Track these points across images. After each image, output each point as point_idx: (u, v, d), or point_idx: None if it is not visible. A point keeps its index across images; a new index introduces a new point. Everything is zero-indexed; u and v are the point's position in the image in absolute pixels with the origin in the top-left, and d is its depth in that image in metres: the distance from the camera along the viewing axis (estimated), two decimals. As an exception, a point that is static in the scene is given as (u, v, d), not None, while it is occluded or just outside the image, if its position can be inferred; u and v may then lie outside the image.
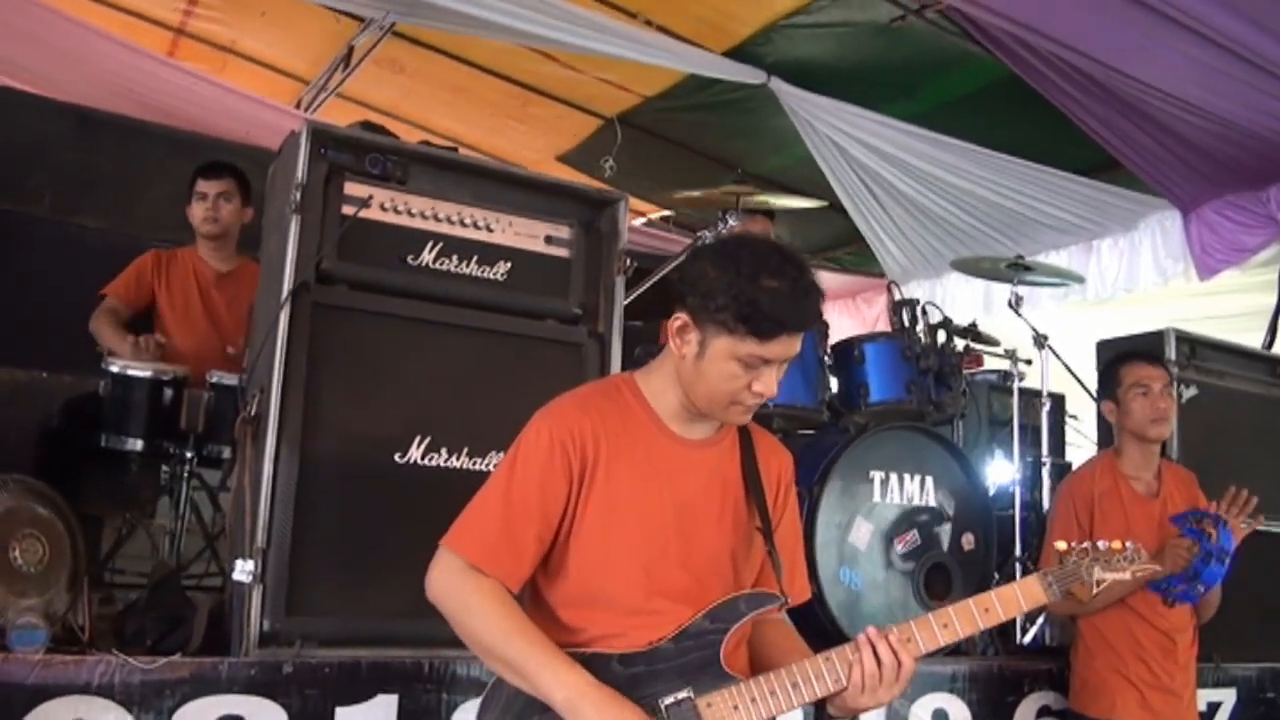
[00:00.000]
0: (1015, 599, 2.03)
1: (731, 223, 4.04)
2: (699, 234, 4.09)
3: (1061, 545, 2.10)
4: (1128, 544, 2.13)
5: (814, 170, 6.13)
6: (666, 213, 6.90)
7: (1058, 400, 5.71)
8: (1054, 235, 6.06)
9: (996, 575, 4.19)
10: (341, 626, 2.88)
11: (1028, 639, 4.24)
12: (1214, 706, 4.27)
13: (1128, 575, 2.11)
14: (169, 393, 3.72)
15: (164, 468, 3.91)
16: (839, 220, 6.85)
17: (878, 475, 3.80)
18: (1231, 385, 4.71)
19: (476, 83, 6.50)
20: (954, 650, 3.81)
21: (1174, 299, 5.94)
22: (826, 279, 7.58)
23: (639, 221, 7.35)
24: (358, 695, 2.79)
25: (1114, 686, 3.47)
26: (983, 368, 5.19)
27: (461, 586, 1.95)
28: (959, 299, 6.68)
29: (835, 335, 4.37)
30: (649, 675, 1.94)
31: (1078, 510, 3.54)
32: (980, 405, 5.29)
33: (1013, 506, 4.50)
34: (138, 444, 3.68)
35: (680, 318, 1.99)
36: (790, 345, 1.94)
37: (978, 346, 4.88)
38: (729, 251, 1.98)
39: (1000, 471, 5.15)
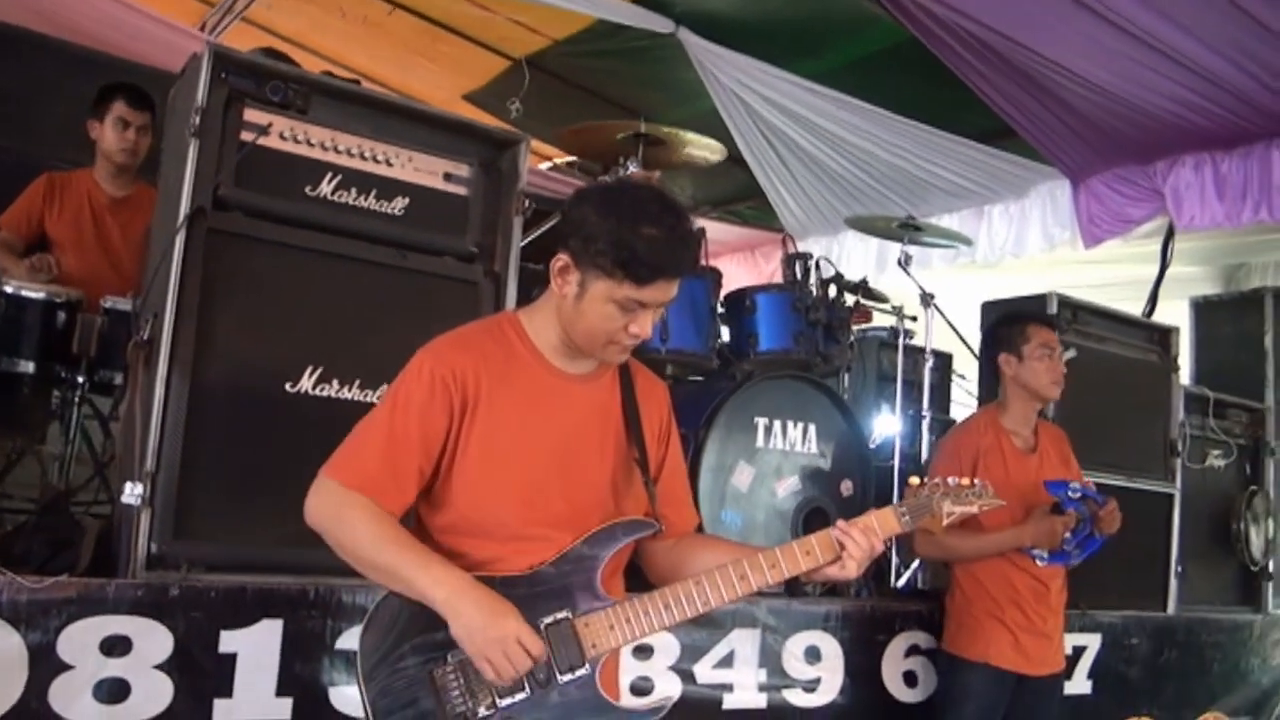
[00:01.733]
0: (873, 527, 2.16)
1: (632, 169, 4.11)
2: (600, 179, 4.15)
3: (914, 480, 2.24)
4: (975, 480, 2.28)
5: (718, 123, 6.19)
6: (571, 158, 6.92)
7: (945, 359, 5.92)
8: (947, 199, 6.24)
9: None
10: (228, 552, 2.92)
11: (901, 582, 4.43)
12: (1079, 650, 4.55)
13: (975, 509, 2.26)
14: (62, 316, 3.67)
15: (55, 393, 3.87)
16: (740, 174, 6.95)
17: (761, 421, 3.93)
18: (1110, 349, 4.95)
19: (387, 17, 6.43)
20: (829, 591, 3.99)
21: (1059, 266, 6.18)
22: (725, 231, 7.83)
23: (544, 166, 7.37)
24: (242, 619, 2.84)
25: (989, 630, 3.65)
26: (872, 324, 5.35)
27: (340, 508, 2.02)
28: (854, 257, 6.86)
29: (732, 287, 4.49)
30: (529, 597, 2.03)
31: (962, 462, 3.69)
32: (869, 360, 5.47)
33: (895, 457, 4.68)
34: (29, 366, 3.64)
35: (562, 259, 2.07)
36: (666, 290, 2.05)
37: (867, 302, 5.04)
38: (611, 198, 2.08)
39: (886, 424, 5.34)
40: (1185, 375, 5.58)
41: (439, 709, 1.99)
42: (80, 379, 3.72)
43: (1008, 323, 3.92)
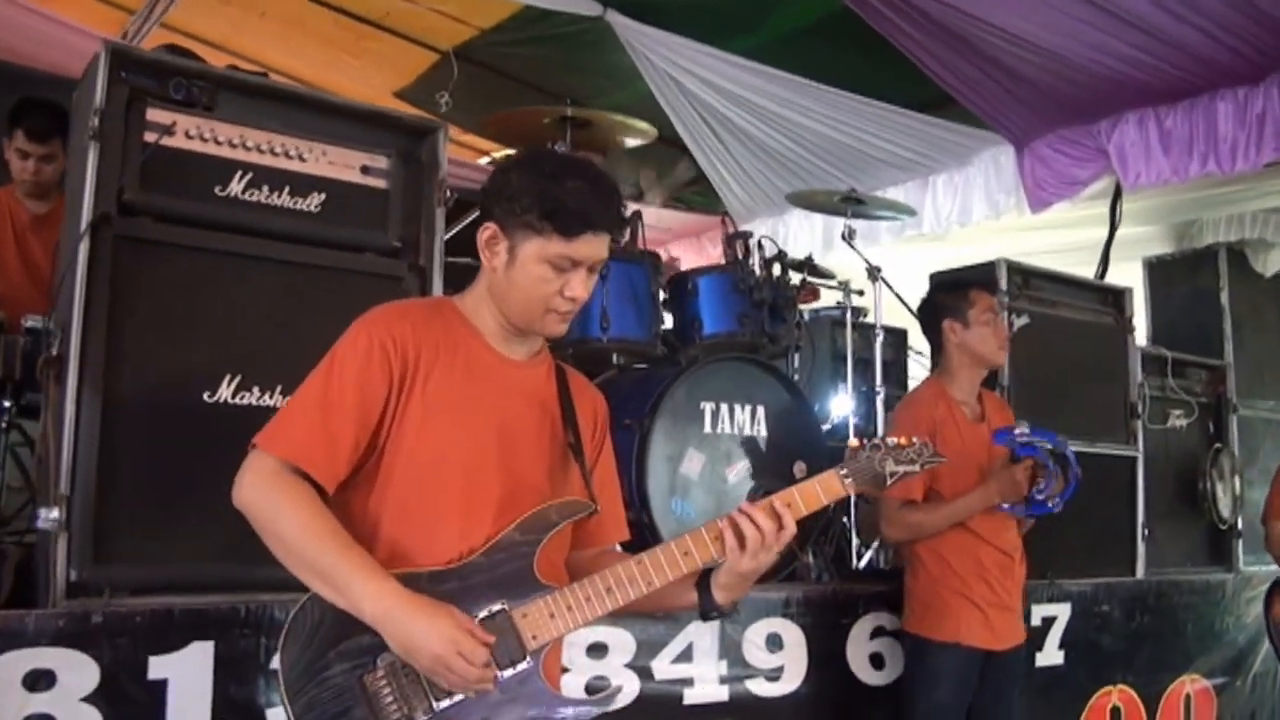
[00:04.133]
0: (815, 493, 2.12)
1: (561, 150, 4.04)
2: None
3: (854, 442, 2.19)
4: (914, 439, 2.25)
5: (654, 107, 6.14)
6: (510, 151, 6.84)
7: (900, 335, 5.90)
8: (891, 171, 6.21)
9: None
10: (153, 573, 2.83)
11: (863, 563, 4.39)
12: (1049, 620, 4.53)
13: (918, 468, 2.23)
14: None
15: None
16: (683, 160, 6.90)
17: (708, 406, 3.87)
18: (1063, 314, 4.94)
19: (308, 14, 6.31)
20: (787, 576, 3.94)
21: (1008, 233, 6.16)
22: (671, 218, 7.76)
23: (483, 160, 7.28)
24: (171, 644, 2.75)
25: (958, 609, 3.61)
26: (819, 301, 5.31)
27: (271, 490, 1.94)
28: (800, 236, 6.82)
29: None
30: (461, 591, 1.96)
31: (919, 435, 3.65)
32: (822, 340, 5.43)
33: (849, 436, 4.64)
34: None
35: (488, 228, 2.04)
36: (597, 246, 2.02)
37: (813, 280, 4.99)
38: (532, 158, 2.11)
39: (843, 404, 5.30)
40: (1141, 336, 5.59)
41: (372, 718, 1.91)
42: (6, 403, 3.62)
43: (948, 289, 3.91)
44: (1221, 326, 5.87)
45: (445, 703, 1.93)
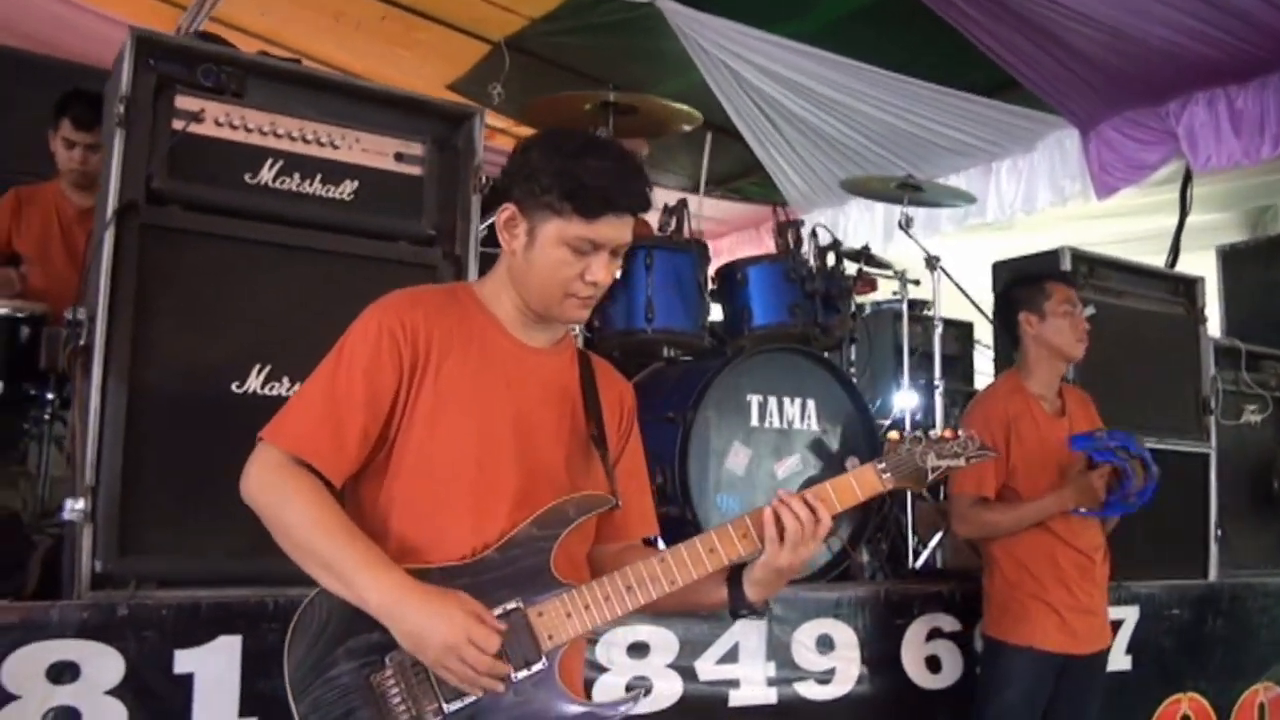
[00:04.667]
0: (850, 487, 2.01)
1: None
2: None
3: (894, 435, 2.08)
4: (960, 432, 2.12)
5: (709, 96, 6.03)
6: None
7: (965, 329, 5.75)
8: (953, 158, 6.04)
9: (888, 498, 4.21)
10: (178, 566, 2.80)
11: (919, 563, 4.25)
12: (1116, 624, 4.29)
13: (962, 462, 2.10)
14: (26, 331, 3.58)
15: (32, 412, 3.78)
16: (739, 148, 6.78)
17: (755, 399, 3.76)
18: (1131, 304, 4.75)
19: (356, 7, 6.30)
20: (839, 575, 3.82)
21: (1074, 221, 5.98)
22: (728, 209, 7.63)
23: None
24: (198, 637, 2.71)
25: (1035, 613, 3.49)
26: (878, 293, 5.16)
27: (276, 482, 1.88)
28: (859, 228, 6.68)
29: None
30: (475, 588, 1.88)
31: (993, 432, 3.52)
32: (883, 334, 5.29)
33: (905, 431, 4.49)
34: None
35: (507, 209, 1.96)
36: (619, 228, 1.93)
37: (870, 270, 4.86)
38: (553, 137, 1.99)
39: (906, 399, 5.15)
40: (1215, 328, 5.38)
41: (380, 719, 1.84)
42: (50, 395, 3.62)
43: (1025, 282, 3.78)
44: (1298, 317, 5.61)
45: (456, 704, 1.85)
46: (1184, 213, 5.49)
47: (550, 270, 1.93)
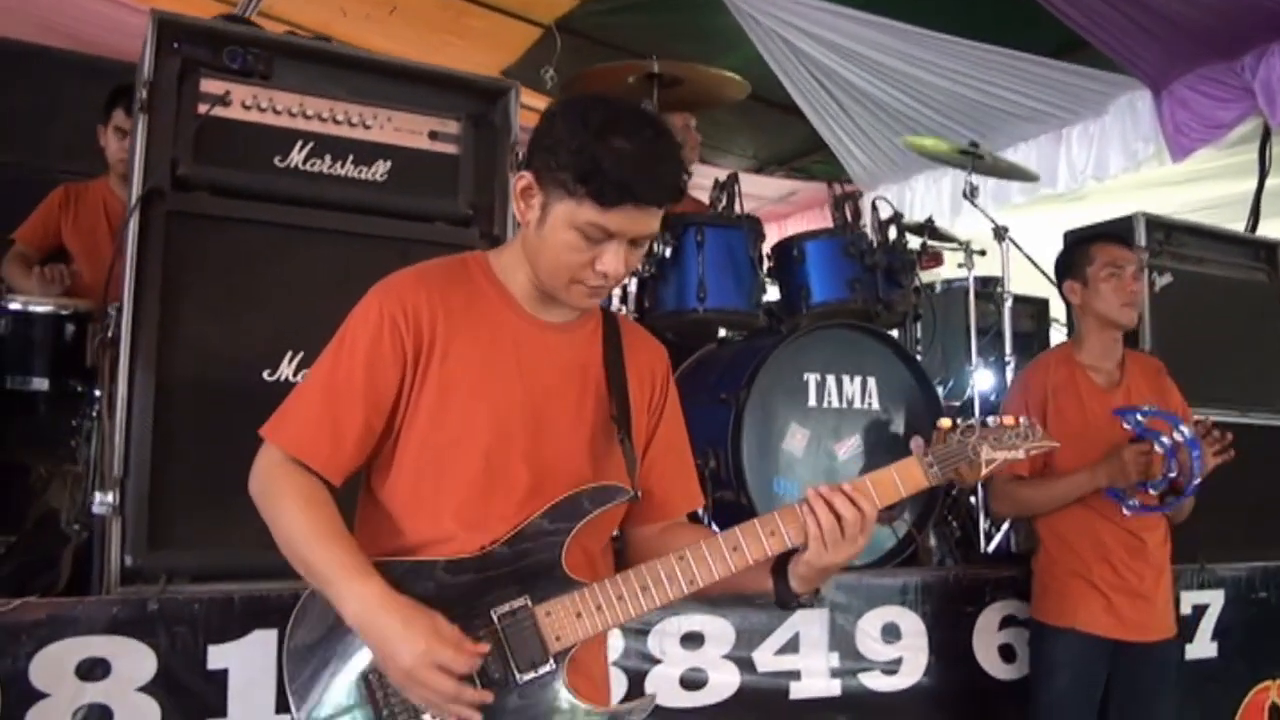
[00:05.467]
0: (891, 481, 1.84)
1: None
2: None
3: (944, 423, 1.91)
4: (1021, 419, 1.94)
5: (766, 72, 5.88)
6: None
7: (1040, 305, 5.53)
8: (1021, 125, 5.80)
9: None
10: (210, 559, 2.74)
11: (992, 546, 4.06)
12: (1200, 609, 4.13)
13: (1020, 454, 1.92)
14: (71, 328, 3.52)
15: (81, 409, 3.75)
16: (801, 126, 6.62)
17: (813, 378, 3.60)
18: (1210, 271, 4.52)
19: (409, -1, 6.26)
20: (906, 560, 3.66)
21: (1149, 189, 5.72)
22: (795, 189, 7.47)
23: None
24: (231, 632, 2.65)
25: (1076, 592, 3.29)
26: (944, 268, 4.97)
27: (273, 484, 1.79)
28: (926, 202, 6.49)
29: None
30: (481, 583, 1.77)
31: (1030, 405, 3.35)
32: (956, 311, 5.09)
33: (975, 410, 4.32)
34: (43, 384, 3.49)
35: (524, 178, 1.79)
36: (638, 220, 1.74)
37: (934, 243, 4.67)
38: (580, 107, 1.77)
39: (981, 379, 4.94)
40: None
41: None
42: (97, 392, 3.59)
43: (1070, 248, 3.57)
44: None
45: None
46: (1263, 173, 5.21)
47: (559, 253, 1.77)
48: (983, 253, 4.63)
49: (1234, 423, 4.27)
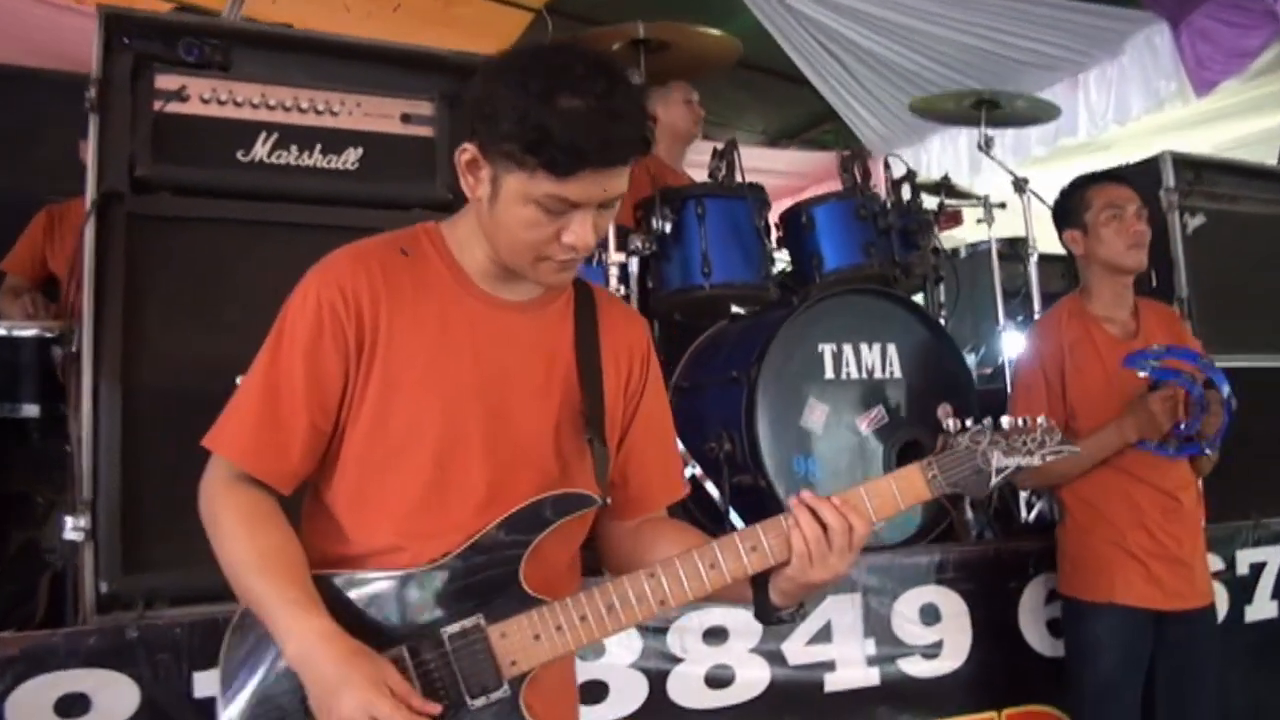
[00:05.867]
0: (890, 494, 1.65)
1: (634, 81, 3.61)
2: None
3: (950, 423, 1.70)
4: (1039, 420, 1.72)
5: (770, 43, 5.69)
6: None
7: (1071, 263, 5.29)
8: (1035, 74, 5.57)
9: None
10: (191, 580, 2.53)
11: (1033, 515, 3.84)
12: (1257, 568, 3.89)
13: (1037, 460, 1.70)
14: (59, 352, 3.39)
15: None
16: (810, 97, 6.42)
17: (828, 349, 3.40)
18: (1246, 209, 4.28)
19: (397, -9, 6.10)
20: (941, 535, 3.46)
21: (1175, 132, 5.49)
22: (809, 161, 7.27)
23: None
24: (218, 656, 2.46)
25: (1112, 562, 3.06)
26: (961, 226, 4.75)
27: (213, 505, 1.64)
28: (942, 162, 6.26)
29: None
30: (433, 600, 1.60)
31: (1046, 367, 3.14)
32: (984, 276, 4.87)
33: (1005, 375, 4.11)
34: (34, 410, 3.32)
35: (467, 150, 1.59)
36: (601, 183, 1.54)
37: (952, 202, 4.46)
38: (519, 65, 1.55)
39: (1013, 344, 4.72)
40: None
41: None
42: (76, 411, 3.48)
43: (1065, 194, 3.32)
44: None
45: None
46: (1297, 103, 4.99)
47: (517, 230, 1.57)
48: (1003, 205, 4.41)
49: (1276, 368, 4.10)
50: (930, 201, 4.52)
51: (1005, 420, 1.69)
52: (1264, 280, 4.22)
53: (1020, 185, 4.25)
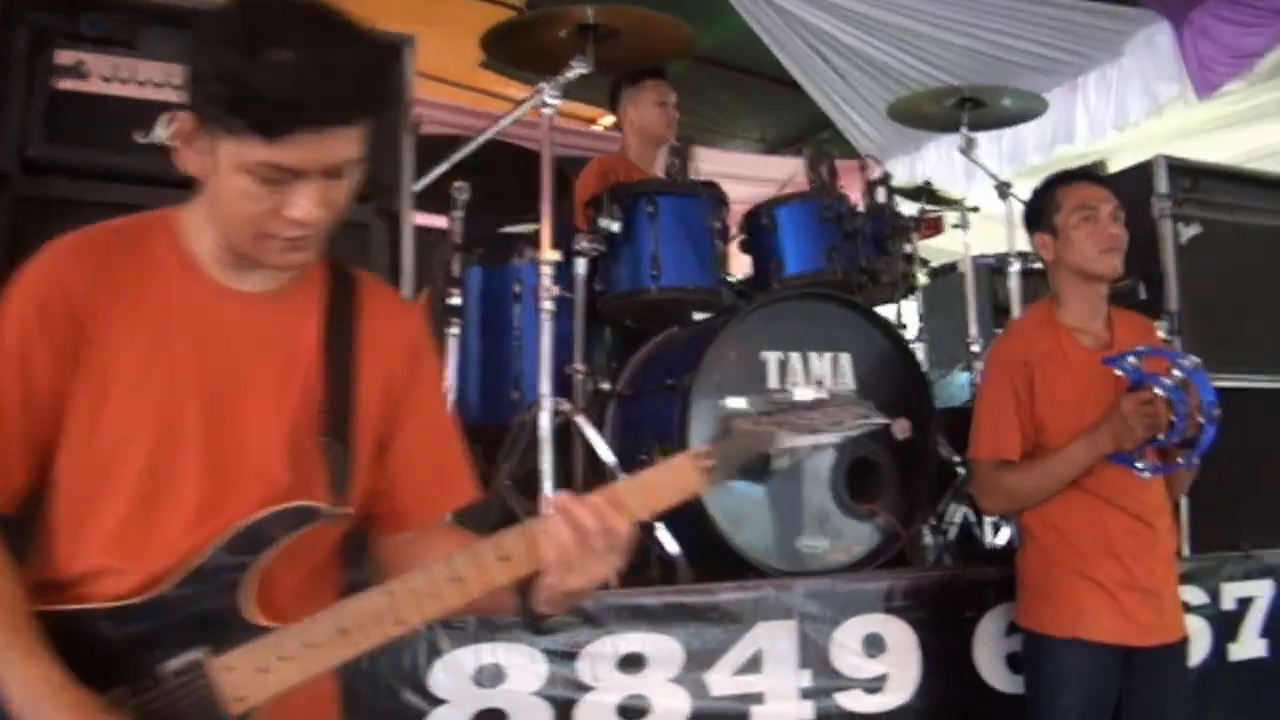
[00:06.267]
0: (652, 488, 1.50)
1: (581, 70, 3.43)
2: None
3: (734, 403, 1.53)
4: (842, 393, 1.56)
5: (755, 43, 5.51)
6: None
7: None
8: (1032, 77, 5.32)
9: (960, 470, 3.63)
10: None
11: (1001, 540, 3.63)
12: (1244, 603, 3.66)
13: (834, 437, 1.54)
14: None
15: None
16: (808, 104, 6.24)
17: (772, 357, 3.18)
18: (1246, 219, 4.04)
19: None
20: (892, 560, 3.27)
21: (1178, 140, 5.25)
22: (795, 167, 7.07)
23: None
24: None
25: (1078, 594, 2.84)
26: (942, 235, 4.54)
27: None
28: (939, 172, 6.03)
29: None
30: (151, 634, 1.41)
31: (1013, 378, 2.92)
32: (980, 290, 4.67)
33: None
34: None
35: (182, 119, 1.42)
36: (322, 147, 1.36)
37: (932, 208, 4.26)
38: (229, 15, 1.40)
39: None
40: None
41: None
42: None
43: (1036, 195, 3.11)
44: None
45: None
46: (1303, 107, 4.75)
47: (235, 204, 1.41)
48: (975, 209, 4.20)
49: (1275, 388, 3.87)
50: (911, 208, 4.33)
51: (800, 393, 1.53)
52: (1263, 296, 4.00)
53: (1004, 190, 4.04)
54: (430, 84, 5.83)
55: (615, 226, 3.46)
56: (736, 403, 1.48)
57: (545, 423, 3.10)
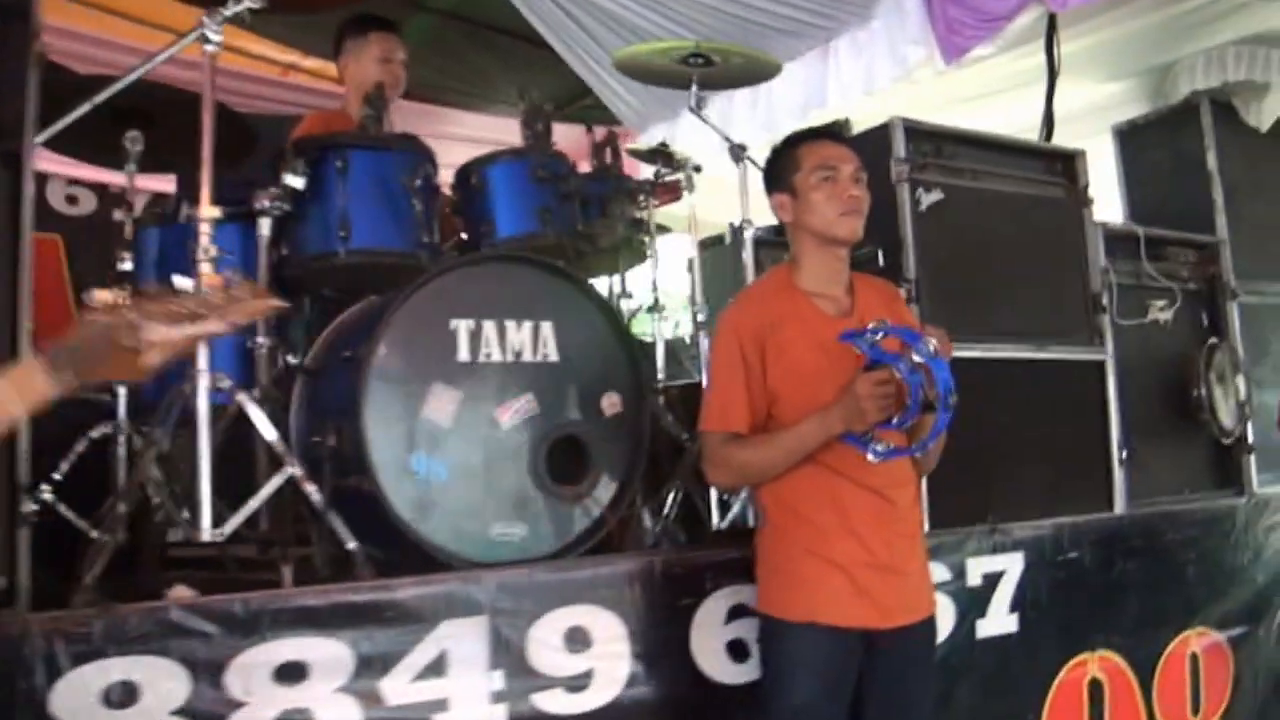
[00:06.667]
0: None
1: (251, 4, 3.04)
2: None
3: (101, 295, 1.35)
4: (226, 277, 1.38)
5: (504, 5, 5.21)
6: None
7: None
8: (785, 41, 5.13)
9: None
10: None
11: (725, 521, 3.42)
12: (992, 578, 3.58)
13: (218, 325, 1.43)
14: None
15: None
16: (568, 68, 5.93)
17: (463, 325, 2.90)
18: (992, 186, 3.96)
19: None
20: (599, 546, 3.02)
21: (934, 111, 5.11)
22: (570, 134, 6.80)
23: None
24: None
25: (814, 575, 2.68)
26: (680, 199, 4.31)
27: None
28: (693, 144, 5.77)
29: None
30: None
31: (744, 344, 2.74)
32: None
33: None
34: None
35: None
36: None
37: (668, 172, 4.02)
38: None
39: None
40: (1117, 218, 4.72)
41: None
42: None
43: (774, 154, 2.94)
44: (1211, 196, 4.81)
45: None
46: (1053, 73, 4.67)
47: None
48: (698, 168, 3.98)
49: (1026, 358, 3.80)
50: (647, 171, 4.09)
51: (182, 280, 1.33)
52: (1010, 264, 3.92)
53: (737, 153, 3.82)
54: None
55: (299, 183, 3.10)
56: (100, 293, 1.27)
57: (203, 402, 2.73)
